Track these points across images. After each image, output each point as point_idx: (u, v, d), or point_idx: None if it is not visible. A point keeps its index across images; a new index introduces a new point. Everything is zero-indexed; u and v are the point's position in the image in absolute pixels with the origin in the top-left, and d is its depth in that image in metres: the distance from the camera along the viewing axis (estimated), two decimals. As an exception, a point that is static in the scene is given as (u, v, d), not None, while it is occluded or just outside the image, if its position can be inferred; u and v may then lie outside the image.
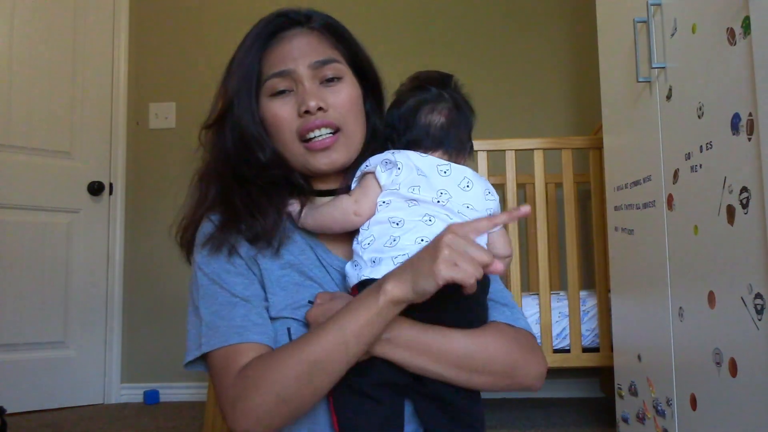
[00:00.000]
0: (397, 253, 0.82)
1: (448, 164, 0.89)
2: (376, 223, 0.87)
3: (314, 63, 0.92)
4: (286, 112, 0.91)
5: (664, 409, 1.56)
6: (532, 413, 2.61)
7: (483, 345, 0.84)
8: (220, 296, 0.87)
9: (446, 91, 0.94)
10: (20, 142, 2.88)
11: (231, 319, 0.85)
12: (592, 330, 2.34)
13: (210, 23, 3.28)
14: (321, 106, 0.90)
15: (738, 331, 1.17)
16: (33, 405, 2.81)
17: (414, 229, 0.83)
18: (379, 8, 3.25)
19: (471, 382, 0.84)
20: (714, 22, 1.25)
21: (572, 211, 2.36)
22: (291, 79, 0.92)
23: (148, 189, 3.19)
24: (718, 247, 1.25)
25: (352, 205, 0.88)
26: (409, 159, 0.88)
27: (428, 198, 0.85)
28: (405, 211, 0.86)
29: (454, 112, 0.93)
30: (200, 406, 2.73)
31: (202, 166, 0.97)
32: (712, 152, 1.27)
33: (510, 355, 0.86)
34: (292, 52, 0.92)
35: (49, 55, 2.98)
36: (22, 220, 2.87)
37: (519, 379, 0.87)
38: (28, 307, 2.85)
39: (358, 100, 0.96)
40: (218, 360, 0.84)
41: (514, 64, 3.19)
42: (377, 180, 0.89)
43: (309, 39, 0.94)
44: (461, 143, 0.93)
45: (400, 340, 0.80)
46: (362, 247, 0.85)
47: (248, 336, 0.84)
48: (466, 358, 0.82)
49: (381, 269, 0.82)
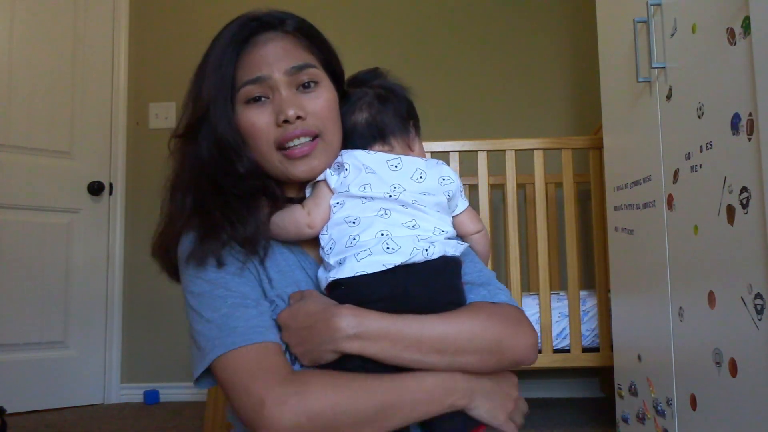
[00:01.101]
0: (359, 250, 0.82)
1: (398, 158, 0.89)
2: (333, 226, 0.87)
3: (290, 69, 0.90)
4: (263, 120, 0.89)
5: (664, 409, 1.56)
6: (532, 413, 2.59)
7: (460, 324, 0.82)
8: (230, 298, 0.84)
9: (365, 88, 0.97)
10: (20, 142, 2.88)
11: (247, 319, 0.82)
12: (592, 330, 2.34)
13: (210, 23, 3.27)
14: (299, 115, 0.88)
15: (738, 331, 1.17)
16: (33, 405, 2.81)
17: (372, 225, 0.84)
18: (378, 9, 3.25)
19: (456, 365, 0.82)
20: (714, 22, 1.25)
21: (572, 211, 2.36)
22: (267, 86, 0.89)
23: (148, 189, 3.18)
24: (718, 247, 1.25)
25: (305, 217, 0.88)
26: (356, 159, 0.89)
27: (380, 194, 0.86)
28: (359, 208, 0.86)
29: (376, 103, 0.94)
30: (200, 406, 2.73)
31: (173, 176, 0.94)
32: (712, 152, 1.27)
33: (490, 329, 0.84)
34: (267, 58, 0.90)
35: (49, 55, 2.98)
36: (22, 220, 2.87)
37: (507, 354, 0.85)
38: (28, 307, 2.85)
39: (335, 104, 0.94)
40: (249, 358, 0.79)
41: (514, 64, 3.19)
42: (328, 185, 0.89)
43: (284, 43, 0.92)
44: (398, 127, 0.94)
45: (370, 333, 0.79)
46: (326, 253, 0.86)
47: (268, 335, 0.82)
48: (444, 341, 0.80)
49: (346, 268, 0.82)
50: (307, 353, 0.81)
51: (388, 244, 0.82)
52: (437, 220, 0.88)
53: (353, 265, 0.82)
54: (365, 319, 0.79)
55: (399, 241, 0.82)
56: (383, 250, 0.82)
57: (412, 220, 0.85)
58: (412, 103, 0.99)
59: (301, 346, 0.82)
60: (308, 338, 0.81)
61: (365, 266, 0.81)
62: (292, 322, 0.83)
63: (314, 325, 0.80)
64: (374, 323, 0.79)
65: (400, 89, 0.99)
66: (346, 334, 0.78)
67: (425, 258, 0.82)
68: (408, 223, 0.85)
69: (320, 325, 0.79)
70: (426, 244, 0.83)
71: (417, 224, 0.85)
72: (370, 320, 0.79)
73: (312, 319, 0.81)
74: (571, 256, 2.34)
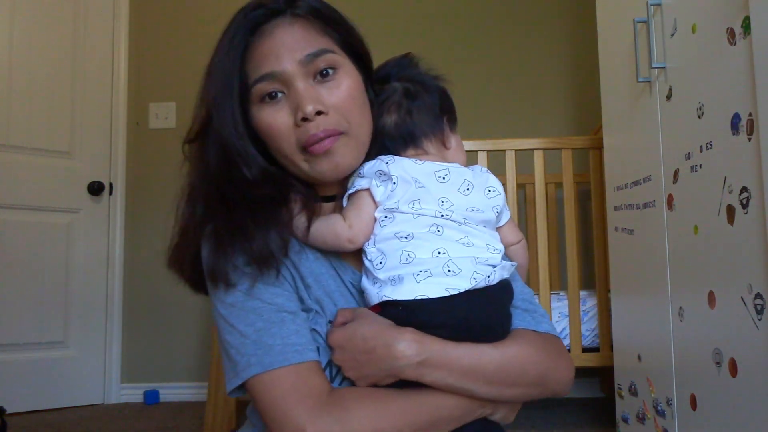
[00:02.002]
0: (417, 269, 0.78)
1: (446, 168, 0.84)
2: (382, 240, 0.81)
3: (304, 58, 0.81)
4: (281, 120, 0.82)
5: (664, 409, 1.56)
6: (532, 413, 2.60)
7: (513, 357, 0.79)
8: (265, 312, 0.78)
9: (393, 83, 0.90)
10: (20, 142, 2.88)
11: (284, 336, 0.77)
12: (592, 330, 2.34)
13: (210, 23, 3.27)
14: (319, 110, 0.80)
15: (738, 331, 1.17)
16: (33, 405, 2.81)
17: (426, 242, 0.80)
18: (377, 9, 3.25)
19: (502, 397, 0.80)
20: (714, 22, 1.25)
21: (572, 211, 2.36)
22: (280, 81, 0.81)
23: (148, 189, 3.19)
24: (718, 247, 1.25)
25: (346, 231, 0.82)
26: (404, 170, 0.83)
27: (431, 212, 0.81)
28: (411, 224, 0.81)
29: (405, 102, 0.88)
30: (200, 406, 2.73)
31: (187, 185, 0.87)
32: (712, 152, 1.27)
33: (540, 364, 0.82)
34: (276, 49, 0.81)
35: (49, 55, 2.98)
36: (22, 220, 2.87)
37: (549, 386, 0.83)
38: (28, 307, 2.85)
39: (360, 90, 0.86)
40: (287, 380, 0.75)
41: (514, 64, 3.19)
42: (372, 197, 0.83)
43: (293, 30, 0.82)
44: (430, 126, 0.88)
45: (434, 360, 0.75)
46: (375, 267, 0.80)
47: (306, 354, 0.77)
48: (498, 373, 0.78)
49: (404, 288, 0.77)
50: (364, 378, 0.78)
51: (449, 266, 0.78)
52: (489, 237, 0.85)
53: (413, 287, 0.77)
54: (428, 347, 0.76)
55: (459, 262, 0.78)
56: (444, 272, 0.77)
57: (465, 237, 0.81)
58: (445, 93, 0.92)
59: (356, 371, 0.78)
60: (366, 363, 0.76)
61: (426, 289, 0.77)
62: (347, 344, 0.77)
63: (374, 349, 0.76)
64: (437, 352, 0.76)
65: (431, 80, 0.92)
66: (410, 362, 0.75)
67: (487, 284, 0.79)
68: (462, 240, 0.81)
69: (381, 351, 0.75)
70: (488, 270, 0.80)
71: (470, 242, 0.81)
72: (433, 348, 0.76)
73: (370, 343, 0.76)
74: (571, 256, 2.34)
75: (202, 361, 3.08)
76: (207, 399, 2.36)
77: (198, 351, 3.12)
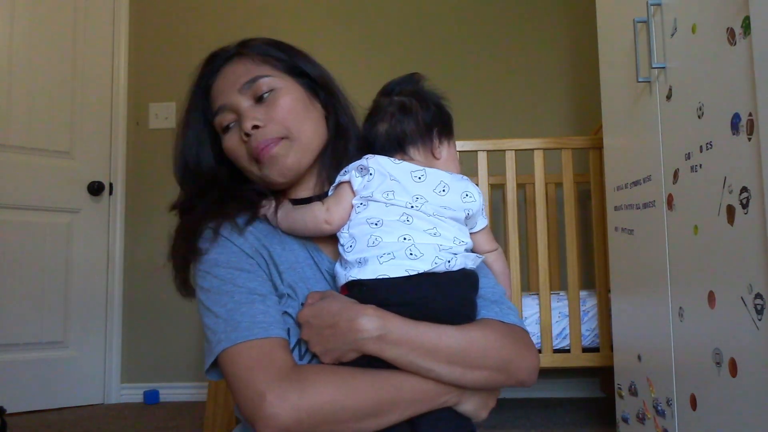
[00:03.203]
0: (381, 251, 0.83)
1: (422, 170, 0.89)
2: (354, 225, 0.88)
3: (242, 87, 0.94)
4: (234, 142, 0.94)
5: (664, 409, 1.56)
6: (532, 413, 2.61)
7: (475, 339, 0.83)
8: (236, 294, 0.85)
9: (392, 97, 0.96)
10: (20, 142, 2.88)
11: (252, 315, 0.83)
12: (592, 330, 2.34)
13: (210, 23, 3.28)
14: (255, 124, 0.91)
15: (738, 331, 1.17)
16: (33, 405, 2.81)
17: (394, 229, 0.84)
18: (376, 10, 3.25)
19: (464, 379, 0.83)
20: (714, 22, 1.25)
21: (572, 211, 2.36)
22: (230, 111, 0.94)
23: (148, 189, 3.19)
24: (718, 247, 1.25)
25: (324, 213, 0.89)
26: (381, 165, 0.89)
27: (402, 203, 0.86)
28: (382, 211, 0.87)
29: (397, 114, 0.94)
30: (200, 406, 2.73)
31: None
32: (712, 152, 1.27)
33: (503, 349, 0.85)
34: (223, 85, 0.96)
35: (49, 55, 2.98)
36: (22, 220, 2.87)
37: (513, 374, 0.86)
38: (28, 307, 2.85)
39: (301, 102, 0.96)
40: (251, 353, 0.81)
41: (514, 64, 3.19)
42: (351, 186, 0.90)
43: (236, 66, 0.96)
44: (418, 136, 0.93)
45: (393, 336, 0.79)
46: (345, 250, 0.86)
47: (272, 331, 0.83)
48: (459, 353, 0.81)
49: (368, 269, 0.83)
50: (328, 352, 0.81)
51: (411, 251, 0.83)
52: (457, 231, 0.88)
53: (376, 267, 0.82)
54: (388, 323, 0.80)
55: (422, 248, 0.83)
56: (406, 255, 0.82)
57: (433, 228, 0.86)
58: (441, 108, 0.98)
59: (321, 345, 0.82)
60: (330, 337, 0.81)
61: (387, 270, 0.82)
62: (313, 320, 0.82)
63: (337, 324, 0.80)
64: (397, 328, 0.80)
65: (429, 96, 0.98)
66: (371, 336, 0.79)
67: (447, 269, 0.83)
68: (430, 230, 0.86)
69: (344, 325, 0.79)
70: (449, 256, 0.84)
71: (438, 232, 0.86)
72: (394, 324, 0.80)
73: (335, 318, 0.80)
74: (571, 256, 2.35)
75: (202, 361, 3.07)
76: (207, 399, 2.36)
77: (198, 351, 3.12)
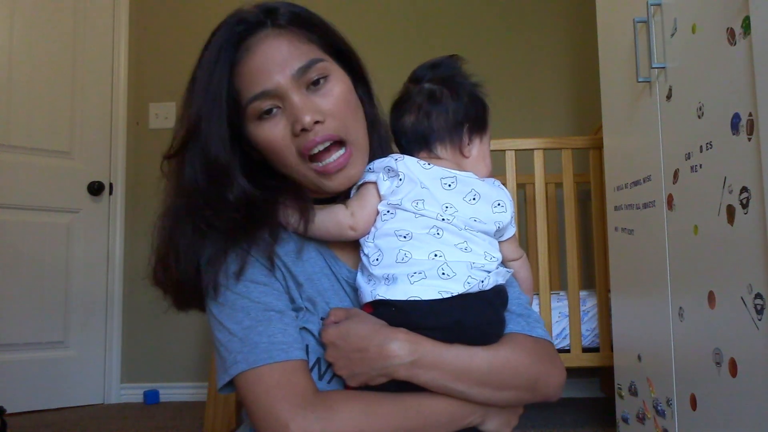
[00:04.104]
0: (413, 269, 0.78)
1: (453, 176, 0.83)
2: (381, 236, 0.81)
3: (296, 72, 0.81)
4: (279, 133, 0.82)
5: (664, 409, 1.56)
6: (532, 413, 2.60)
7: (505, 359, 0.80)
8: (252, 311, 0.80)
9: (421, 83, 0.89)
10: (20, 142, 2.88)
11: (270, 334, 0.78)
12: (592, 330, 2.34)
13: (210, 23, 3.27)
14: (317, 119, 0.81)
15: (738, 331, 1.17)
16: (33, 405, 2.81)
17: (424, 244, 0.79)
18: (376, 9, 3.25)
19: (493, 399, 0.80)
20: (714, 22, 1.25)
21: (572, 211, 2.36)
22: (275, 96, 0.81)
23: (148, 189, 3.18)
24: (718, 247, 1.25)
25: (349, 218, 0.83)
26: (411, 171, 0.83)
27: (433, 214, 0.81)
28: (411, 223, 0.81)
29: (425, 105, 0.87)
30: (200, 406, 2.73)
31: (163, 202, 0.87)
32: (712, 152, 1.27)
33: (532, 367, 0.82)
34: (266, 66, 0.81)
35: (49, 55, 2.98)
36: (22, 220, 2.87)
37: (540, 391, 0.83)
38: (28, 307, 2.85)
39: (351, 93, 0.87)
40: (273, 376, 0.76)
41: (514, 64, 3.19)
42: (378, 189, 0.84)
43: (279, 44, 0.82)
44: (446, 133, 0.87)
45: (425, 362, 0.76)
46: (371, 263, 0.80)
47: (292, 353, 0.78)
48: (489, 374, 0.79)
49: (397, 289, 0.78)
50: (355, 376, 0.77)
51: (444, 269, 0.78)
52: (488, 245, 0.84)
53: (406, 288, 0.77)
54: (420, 347, 0.76)
55: (454, 266, 0.78)
56: (438, 274, 0.78)
57: (464, 242, 0.81)
58: (475, 99, 0.91)
59: (348, 369, 0.78)
60: (358, 362, 0.76)
61: (419, 291, 0.77)
62: (340, 342, 0.77)
63: (366, 348, 0.76)
64: (428, 352, 0.76)
65: (464, 85, 0.90)
66: (402, 362, 0.75)
67: (480, 289, 0.79)
68: (460, 245, 0.81)
69: (374, 350, 0.75)
70: (482, 274, 0.80)
71: (469, 247, 0.81)
72: (425, 349, 0.76)
73: (364, 342, 0.76)
74: (571, 256, 2.34)
75: (202, 361, 3.08)
76: (207, 399, 2.36)
77: (198, 351, 3.12)
